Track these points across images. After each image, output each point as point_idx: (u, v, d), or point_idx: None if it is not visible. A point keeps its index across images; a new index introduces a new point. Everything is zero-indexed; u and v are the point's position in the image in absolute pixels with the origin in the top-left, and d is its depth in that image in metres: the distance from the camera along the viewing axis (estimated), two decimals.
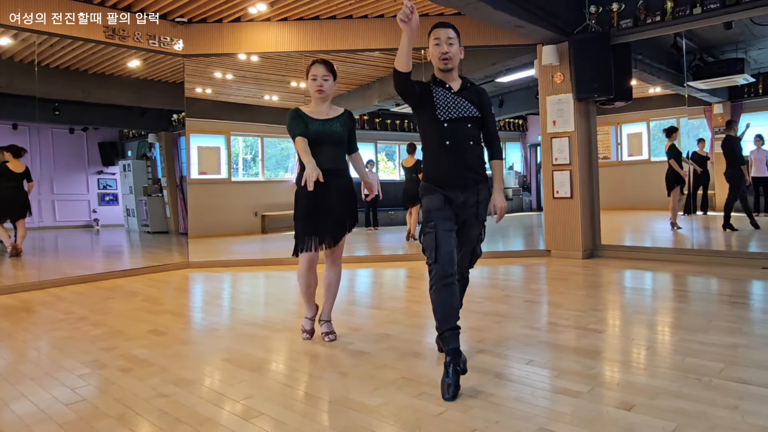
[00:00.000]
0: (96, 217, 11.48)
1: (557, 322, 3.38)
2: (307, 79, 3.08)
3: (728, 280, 4.57)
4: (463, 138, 2.53)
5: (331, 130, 3.04)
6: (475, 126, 2.58)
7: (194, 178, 9.32)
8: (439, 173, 2.53)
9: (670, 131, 7.28)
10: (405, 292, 4.86)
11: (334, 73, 3.11)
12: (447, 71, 2.57)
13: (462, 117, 2.53)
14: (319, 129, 3.00)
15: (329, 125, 3.04)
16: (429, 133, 2.57)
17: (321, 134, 3.00)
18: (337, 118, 3.09)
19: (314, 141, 2.97)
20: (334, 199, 3.01)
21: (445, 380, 2.25)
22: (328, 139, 3.02)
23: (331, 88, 3.08)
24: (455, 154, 2.51)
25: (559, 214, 6.15)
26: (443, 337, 2.36)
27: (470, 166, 2.53)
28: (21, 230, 7.00)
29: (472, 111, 2.56)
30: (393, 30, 6.40)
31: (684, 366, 2.50)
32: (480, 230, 2.65)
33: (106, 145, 11.64)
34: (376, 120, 11.77)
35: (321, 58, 3.11)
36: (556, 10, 5.63)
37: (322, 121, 3.04)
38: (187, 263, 6.46)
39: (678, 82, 6.61)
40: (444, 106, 2.54)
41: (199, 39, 6.43)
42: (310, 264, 3.07)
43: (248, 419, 2.10)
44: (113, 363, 2.85)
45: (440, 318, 2.39)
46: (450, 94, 2.56)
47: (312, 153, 2.87)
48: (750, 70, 6.99)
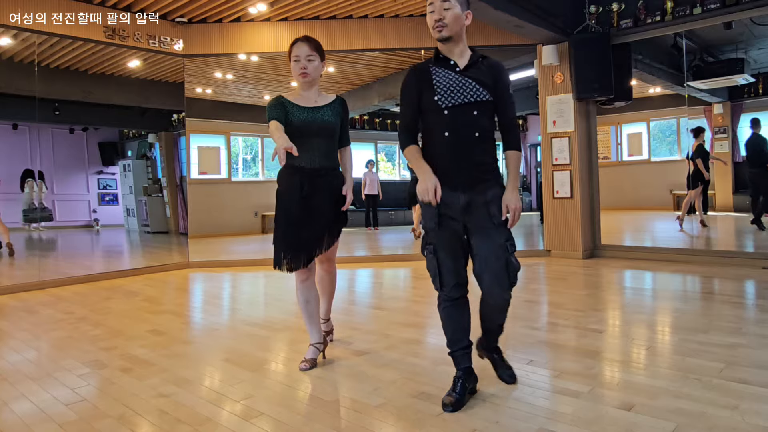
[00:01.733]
0: (96, 217, 11.48)
1: (557, 322, 3.38)
2: (289, 60, 2.65)
3: (728, 280, 4.57)
4: (466, 128, 2.11)
5: (322, 120, 2.63)
6: (484, 112, 2.13)
7: (194, 178, 9.33)
8: (436, 170, 2.10)
9: (698, 131, 7.21)
10: (405, 292, 4.86)
11: (321, 53, 2.67)
12: (446, 41, 2.12)
13: (466, 102, 2.10)
14: (306, 118, 2.61)
15: (318, 114, 2.64)
16: (428, 121, 2.18)
17: (309, 124, 2.60)
18: (327, 106, 2.69)
19: (301, 132, 2.58)
20: (326, 204, 2.64)
21: (452, 394, 2.14)
22: (318, 129, 2.62)
23: (318, 70, 2.66)
24: (456, 148, 2.11)
25: (560, 214, 6.15)
26: (454, 356, 2.23)
27: (475, 161, 2.12)
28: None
29: (480, 94, 2.11)
30: (393, 30, 6.40)
31: (684, 366, 2.50)
32: (503, 236, 2.12)
33: (106, 145, 11.64)
34: (376, 120, 11.77)
35: (304, 35, 2.67)
36: (556, 10, 5.63)
37: (310, 109, 2.63)
38: (187, 263, 6.46)
39: (678, 82, 6.61)
40: (444, 89, 2.12)
41: (199, 39, 6.43)
42: (306, 276, 2.68)
43: (248, 419, 2.10)
44: (113, 363, 2.85)
45: (450, 338, 2.24)
46: (453, 74, 2.14)
47: (298, 148, 2.41)
48: (750, 70, 7.00)
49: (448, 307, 2.23)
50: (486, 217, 2.12)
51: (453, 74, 2.14)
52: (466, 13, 2.14)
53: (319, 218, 2.64)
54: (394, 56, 7.43)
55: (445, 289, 2.19)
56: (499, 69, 2.18)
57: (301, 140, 2.53)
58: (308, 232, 2.62)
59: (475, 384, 2.26)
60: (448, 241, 2.16)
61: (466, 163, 2.12)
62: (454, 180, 2.11)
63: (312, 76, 2.65)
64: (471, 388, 2.22)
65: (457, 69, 2.14)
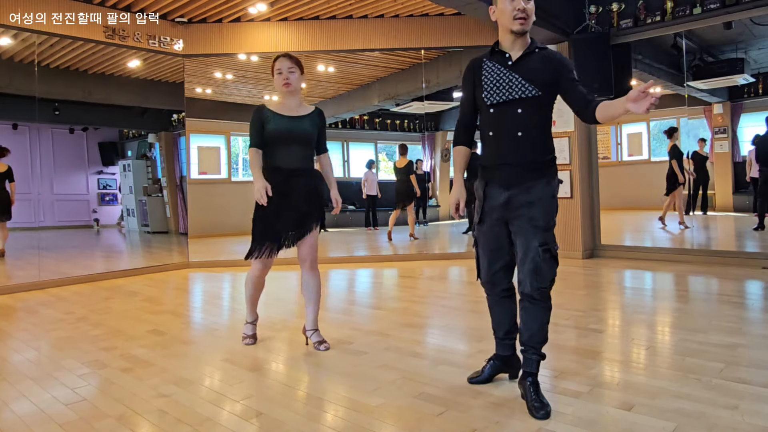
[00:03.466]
0: (96, 217, 11.48)
1: (557, 322, 3.38)
2: (273, 75, 2.97)
3: (728, 280, 4.57)
4: (509, 126, 2.07)
5: (301, 129, 2.93)
6: (532, 109, 2.05)
7: (194, 178, 9.32)
8: (484, 165, 2.16)
9: (671, 131, 7.26)
10: (405, 292, 4.85)
11: (301, 67, 3.00)
12: (521, 35, 2.07)
13: (510, 99, 2.04)
14: (287, 126, 2.90)
15: (299, 123, 2.93)
16: (481, 119, 2.17)
17: (291, 131, 2.90)
18: (308, 116, 2.98)
19: (282, 138, 2.88)
20: (300, 199, 2.91)
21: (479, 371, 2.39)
22: (298, 137, 2.91)
23: (299, 81, 2.97)
24: (498, 146, 2.10)
25: (559, 214, 6.13)
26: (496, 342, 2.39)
27: (518, 160, 2.06)
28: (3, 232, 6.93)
29: (527, 90, 2.02)
30: (393, 30, 6.40)
31: (684, 366, 2.50)
32: (538, 240, 2.05)
33: (106, 145, 11.64)
34: (376, 120, 11.77)
35: (284, 53, 3.03)
36: (556, 10, 5.63)
37: (291, 118, 2.93)
38: (187, 263, 6.46)
39: (678, 82, 6.61)
40: (491, 86, 2.08)
41: (199, 39, 6.43)
42: (263, 270, 3.02)
43: (248, 419, 2.10)
44: (113, 363, 2.85)
45: (492, 324, 2.38)
46: (503, 69, 2.07)
47: (279, 151, 2.87)
48: (750, 70, 6.99)
49: (488, 298, 2.35)
50: (525, 217, 2.07)
51: (503, 69, 2.08)
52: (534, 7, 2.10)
53: (291, 213, 2.91)
54: (394, 56, 7.43)
55: (482, 283, 2.31)
56: (557, 61, 2.08)
57: (281, 145, 2.89)
58: (280, 224, 2.91)
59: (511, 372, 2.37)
60: (488, 238, 2.19)
61: (507, 161, 2.08)
62: (496, 178, 2.12)
63: (294, 86, 2.95)
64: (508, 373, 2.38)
65: (509, 63, 2.08)
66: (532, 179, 2.06)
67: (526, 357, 2.16)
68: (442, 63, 7.46)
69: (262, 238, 2.91)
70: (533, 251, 2.05)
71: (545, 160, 2.11)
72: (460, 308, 3.94)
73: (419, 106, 8.36)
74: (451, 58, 7.32)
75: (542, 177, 2.08)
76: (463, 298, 4.32)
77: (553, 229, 2.12)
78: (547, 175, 2.10)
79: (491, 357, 2.40)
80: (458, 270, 5.78)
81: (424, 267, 5.94)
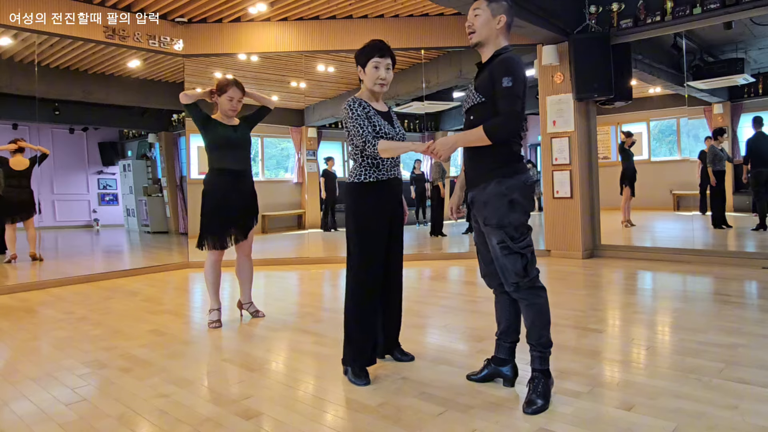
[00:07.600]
0: (96, 217, 11.48)
1: (557, 322, 3.38)
2: (219, 94, 3.49)
3: (728, 280, 4.57)
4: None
5: (242, 137, 3.56)
6: (480, 115, 2.15)
7: (194, 178, 9.31)
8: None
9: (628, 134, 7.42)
10: (405, 292, 4.83)
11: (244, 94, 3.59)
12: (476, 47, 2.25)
13: (466, 109, 2.24)
14: (232, 135, 3.50)
15: (239, 132, 3.54)
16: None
17: (237, 139, 3.52)
18: (240, 126, 3.58)
19: (227, 145, 3.46)
20: (241, 199, 3.52)
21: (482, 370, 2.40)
22: (242, 143, 3.55)
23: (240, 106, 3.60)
24: (464, 152, 2.28)
25: (560, 214, 6.15)
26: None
27: (474, 162, 2.22)
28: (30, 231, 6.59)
29: (474, 98, 2.18)
30: (393, 30, 6.40)
31: (684, 366, 2.50)
32: (496, 238, 2.12)
33: (106, 145, 11.64)
34: None
35: (235, 79, 3.55)
36: (556, 10, 5.63)
37: (232, 127, 3.54)
38: (187, 263, 6.46)
39: (678, 82, 6.61)
40: (464, 98, 2.30)
41: (199, 39, 6.43)
42: (218, 258, 3.55)
43: (248, 419, 2.10)
44: (113, 363, 2.85)
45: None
46: (473, 81, 2.28)
47: (225, 156, 3.47)
48: (750, 70, 6.99)
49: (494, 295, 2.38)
50: (481, 217, 2.19)
51: (473, 82, 2.25)
52: (498, 17, 2.17)
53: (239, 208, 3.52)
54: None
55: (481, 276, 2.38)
56: (495, 66, 2.11)
57: (228, 150, 3.48)
58: (230, 218, 3.49)
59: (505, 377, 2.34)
60: (477, 237, 2.32)
61: (467, 165, 2.27)
62: (466, 181, 2.29)
63: (237, 111, 3.59)
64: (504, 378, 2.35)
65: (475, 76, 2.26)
66: (486, 180, 2.16)
67: (530, 353, 2.21)
68: (442, 63, 7.46)
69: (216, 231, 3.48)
70: (493, 249, 2.16)
71: (496, 163, 2.15)
72: (460, 308, 3.94)
73: (419, 106, 8.35)
74: (451, 58, 7.32)
75: (494, 177, 2.14)
76: (463, 298, 4.32)
77: (515, 226, 2.11)
78: (499, 175, 2.14)
79: (488, 358, 2.41)
80: (458, 270, 5.78)
81: (424, 267, 5.94)
